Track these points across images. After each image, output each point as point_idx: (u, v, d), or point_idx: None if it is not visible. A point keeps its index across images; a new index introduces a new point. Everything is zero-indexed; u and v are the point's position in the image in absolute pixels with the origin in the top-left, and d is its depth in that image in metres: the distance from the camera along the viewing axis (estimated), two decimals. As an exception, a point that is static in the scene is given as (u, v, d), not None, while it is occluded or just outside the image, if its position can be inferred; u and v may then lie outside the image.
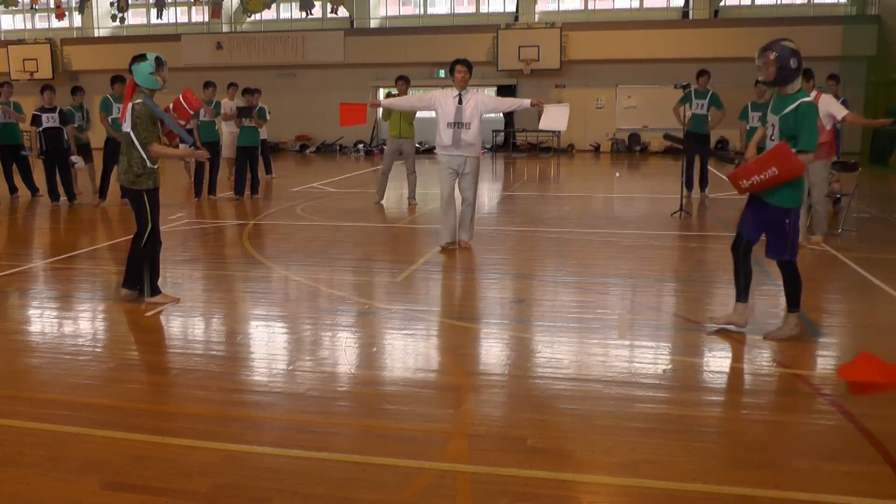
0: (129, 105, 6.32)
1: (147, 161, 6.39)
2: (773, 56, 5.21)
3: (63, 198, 13.38)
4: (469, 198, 9.15)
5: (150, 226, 6.53)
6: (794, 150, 5.14)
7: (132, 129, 6.30)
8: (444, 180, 9.00)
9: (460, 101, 8.84)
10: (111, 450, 3.83)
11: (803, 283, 5.53)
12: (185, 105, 6.75)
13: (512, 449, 3.84)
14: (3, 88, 13.72)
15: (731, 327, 5.78)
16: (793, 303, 5.54)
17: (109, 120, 12.95)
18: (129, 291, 6.70)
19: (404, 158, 13.26)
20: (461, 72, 8.87)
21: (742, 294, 5.76)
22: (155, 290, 6.65)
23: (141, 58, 6.36)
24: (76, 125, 13.60)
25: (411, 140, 13.22)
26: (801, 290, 5.53)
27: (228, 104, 15.47)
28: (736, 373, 5.05)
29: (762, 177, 5.20)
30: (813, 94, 9.16)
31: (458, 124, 8.82)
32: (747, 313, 5.81)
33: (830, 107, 9.08)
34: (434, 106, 9.03)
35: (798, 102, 5.23)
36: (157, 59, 6.39)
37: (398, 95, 12.84)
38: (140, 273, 6.63)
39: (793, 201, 5.39)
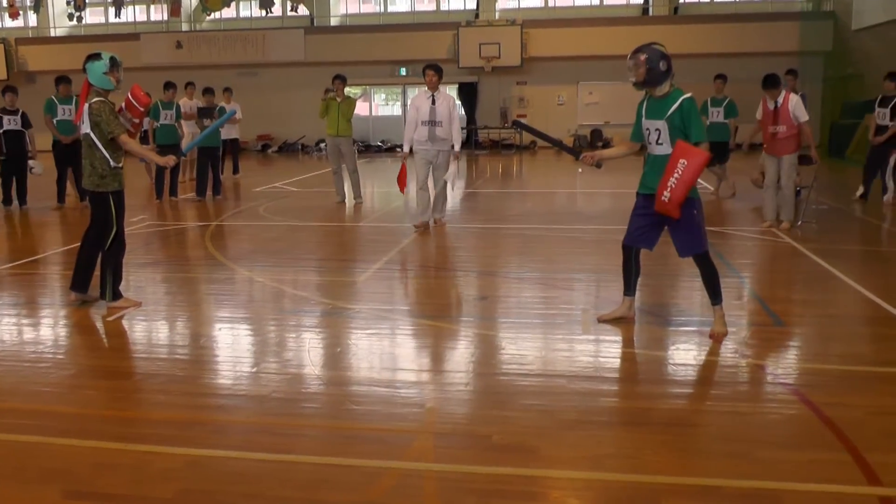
0: (86, 105, 6.19)
1: (111, 160, 6.25)
2: (643, 58, 5.36)
3: (15, 202, 13.03)
4: (440, 184, 10.42)
5: (114, 228, 6.42)
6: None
7: (92, 129, 6.17)
8: (420, 170, 10.27)
9: (433, 102, 10.09)
10: (73, 458, 3.76)
11: (765, 274, 5.61)
12: (135, 102, 6.58)
13: (477, 446, 3.85)
14: None
15: (627, 319, 5.93)
16: (716, 295, 5.54)
17: (55, 122, 12.71)
18: (79, 294, 6.58)
19: (343, 157, 13.13)
20: (430, 76, 10.09)
21: (630, 289, 5.91)
22: (117, 295, 6.54)
23: (95, 57, 6.24)
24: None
25: (349, 138, 13.12)
26: (720, 280, 5.57)
27: (188, 104, 15.33)
28: (699, 365, 5.10)
29: (677, 175, 5.20)
30: (781, 96, 9.60)
31: (431, 122, 10.07)
32: (634, 305, 5.98)
33: (797, 108, 9.56)
34: (413, 107, 10.29)
35: (680, 101, 5.38)
36: (112, 58, 6.27)
37: (336, 95, 12.81)
38: (89, 276, 6.52)
39: (692, 191, 5.39)
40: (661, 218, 5.51)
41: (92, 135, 6.18)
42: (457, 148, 10.39)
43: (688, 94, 5.41)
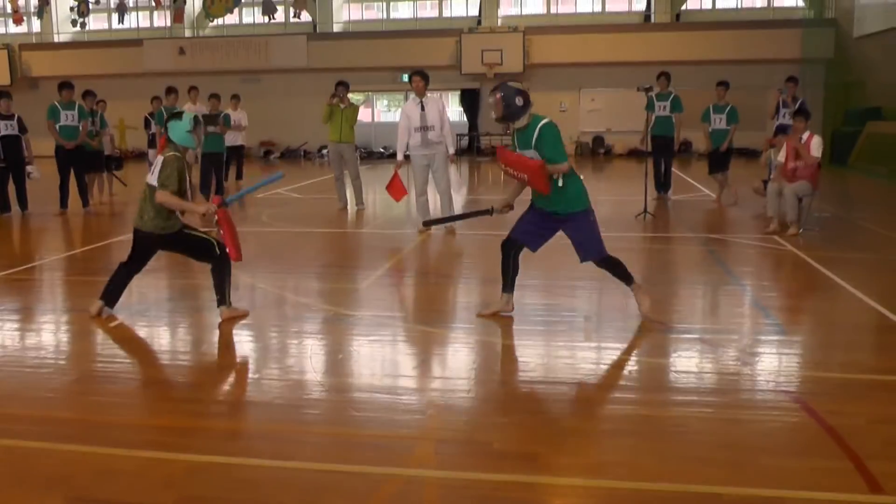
0: (161, 157, 6.17)
1: (173, 215, 6.25)
2: (498, 96, 5.72)
3: (15, 208, 13.01)
4: (443, 188, 10.42)
5: (209, 241, 6.35)
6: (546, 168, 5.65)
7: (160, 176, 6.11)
8: (418, 175, 10.41)
9: (423, 108, 10.16)
10: (75, 464, 3.76)
11: (767, 281, 5.63)
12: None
13: (479, 453, 3.85)
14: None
15: (504, 314, 6.23)
16: (628, 279, 5.99)
17: (57, 127, 12.74)
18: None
19: (345, 164, 13.13)
20: (416, 81, 10.21)
21: (508, 286, 6.22)
22: (225, 301, 6.42)
23: (177, 116, 6.27)
24: (90, 130, 13.39)
25: (352, 144, 13.11)
26: (623, 264, 5.98)
27: (192, 109, 15.35)
28: (701, 372, 5.09)
29: (515, 173, 5.82)
30: (806, 134, 10.02)
31: (423, 128, 10.17)
32: (512, 300, 6.25)
33: (814, 147, 9.99)
34: (404, 115, 10.36)
35: (538, 128, 5.72)
36: (195, 118, 6.29)
37: (341, 101, 12.84)
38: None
39: (583, 203, 5.86)
40: (560, 227, 5.95)
41: (157, 185, 6.12)
42: (451, 150, 10.48)
43: (545, 120, 5.74)
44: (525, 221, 6.07)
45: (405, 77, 27.57)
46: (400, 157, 10.67)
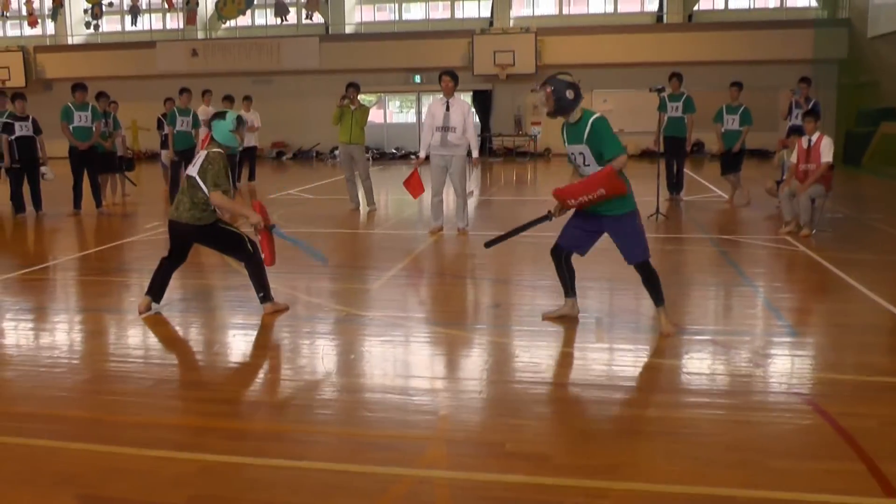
0: (204, 152, 6.27)
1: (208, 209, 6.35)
2: (549, 90, 5.59)
3: (29, 208, 13.09)
4: (459, 190, 10.45)
5: (241, 237, 6.45)
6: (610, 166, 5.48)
7: (199, 172, 6.21)
8: (435, 177, 10.41)
9: (448, 108, 10.18)
10: (86, 463, 3.78)
11: (779, 282, 5.60)
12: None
13: (490, 454, 3.84)
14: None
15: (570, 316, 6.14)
16: (658, 298, 5.76)
17: (71, 129, 12.82)
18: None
19: (356, 165, 13.13)
20: (445, 81, 10.21)
21: (570, 291, 6.13)
22: (269, 297, 6.56)
23: (220, 116, 6.37)
24: (103, 131, 13.47)
25: (362, 146, 13.11)
26: (660, 283, 5.78)
27: (205, 111, 15.41)
28: (713, 374, 5.07)
29: (590, 197, 5.52)
30: (815, 135, 10.07)
31: (444, 128, 10.16)
32: (577, 305, 6.17)
33: (824, 149, 10.01)
34: (429, 114, 10.43)
35: (590, 122, 5.57)
36: (238, 118, 6.40)
37: (351, 102, 12.85)
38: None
39: (630, 204, 5.70)
40: (606, 229, 5.77)
41: (197, 177, 6.22)
42: (474, 154, 10.52)
43: (597, 115, 5.60)
44: (571, 226, 5.96)
45: (418, 78, 27.72)
46: (422, 154, 10.68)
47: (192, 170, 6.27)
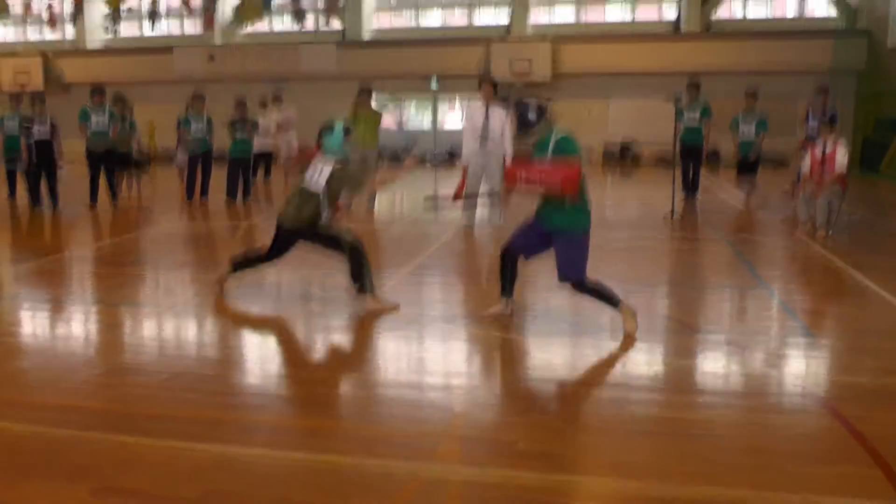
0: (329, 168, 6.33)
1: (323, 213, 6.43)
2: (514, 112, 5.96)
3: (46, 200, 13.19)
4: (497, 189, 10.59)
5: (341, 234, 6.56)
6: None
7: (327, 183, 6.32)
8: (471, 178, 10.77)
9: (487, 117, 10.56)
10: (102, 454, 3.79)
11: (796, 284, 5.58)
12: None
13: (503, 452, 3.83)
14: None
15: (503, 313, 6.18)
16: (612, 301, 5.83)
17: (89, 132, 12.99)
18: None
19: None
20: (485, 88, 10.65)
21: (508, 292, 6.20)
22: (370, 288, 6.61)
23: (329, 128, 6.46)
24: (120, 133, 13.64)
25: (374, 150, 13.26)
26: (609, 290, 5.86)
27: (278, 117, 15.85)
28: (727, 375, 5.05)
29: (543, 187, 5.71)
30: (830, 142, 10.23)
31: (483, 137, 10.56)
32: (511, 305, 6.23)
33: (839, 158, 10.20)
34: (468, 120, 10.86)
35: (554, 140, 5.78)
36: (345, 129, 6.50)
37: (364, 105, 12.88)
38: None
39: (586, 224, 5.85)
40: (548, 242, 5.89)
41: (321, 195, 6.33)
42: (509, 161, 10.55)
43: (563, 133, 5.85)
44: (524, 234, 6.06)
45: (434, 84, 27.72)
46: (465, 162, 10.88)
47: (314, 185, 6.33)
